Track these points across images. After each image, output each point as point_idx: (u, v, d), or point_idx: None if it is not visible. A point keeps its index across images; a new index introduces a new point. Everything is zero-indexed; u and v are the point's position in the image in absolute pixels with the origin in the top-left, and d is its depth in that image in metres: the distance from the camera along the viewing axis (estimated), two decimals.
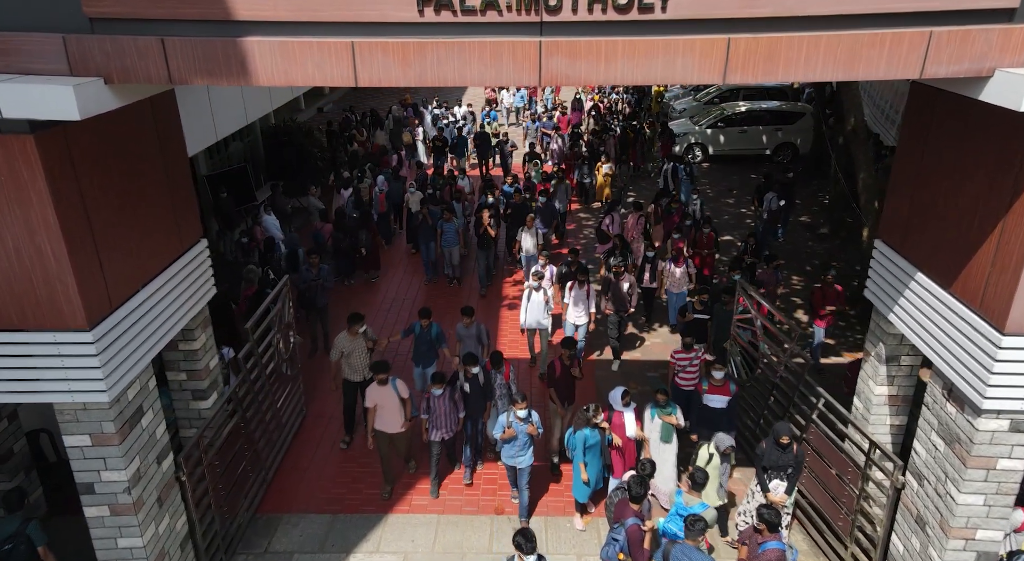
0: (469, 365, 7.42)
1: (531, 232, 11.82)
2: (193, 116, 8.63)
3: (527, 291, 9.51)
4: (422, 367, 8.64)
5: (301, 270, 10.42)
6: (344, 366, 8.19)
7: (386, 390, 7.25)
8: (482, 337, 8.64)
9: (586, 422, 6.81)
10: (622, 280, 9.66)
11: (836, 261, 13.95)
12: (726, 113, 20.28)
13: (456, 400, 7.44)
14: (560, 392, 7.84)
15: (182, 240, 5.94)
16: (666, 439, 7.09)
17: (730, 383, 7.44)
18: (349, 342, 8.11)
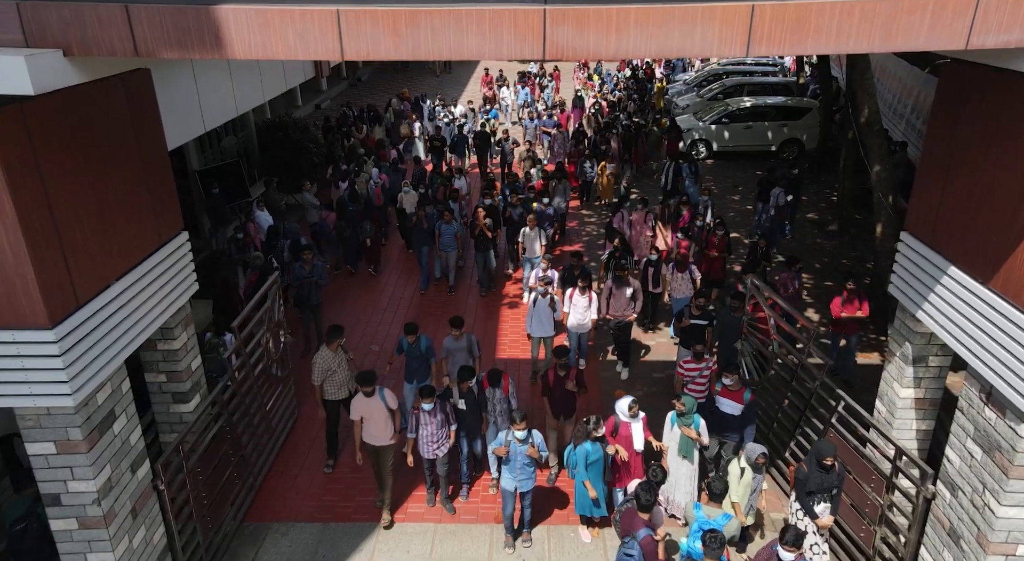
0: (465, 379, 6.88)
1: (534, 233, 11.23)
2: (178, 104, 8.24)
3: (532, 297, 8.99)
4: (415, 382, 8.03)
5: (295, 267, 10.03)
6: (326, 385, 7.54)
7: (373, 401, 6.72)
8: (473, 349, 7.98)
9: (586, 436, 6.30)
10: (625, 284, 9.11)
11: (845, 259, 13.57)
12: (731, 109, 19.87)
13: (448, 413, 6.93)
14: (555, 404, 7.30)
15: (160, 232, 5.55)
16: (685, 452, 6.60)
17: (746, 390, 6.98)
18: (332, 359, 7.48)
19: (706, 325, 8.58)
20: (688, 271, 9.92)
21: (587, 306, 8.94)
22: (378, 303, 11.92)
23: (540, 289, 8.88)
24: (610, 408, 8.89)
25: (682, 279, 9.94)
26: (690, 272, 9.92)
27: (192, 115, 8.61)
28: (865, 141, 10.53)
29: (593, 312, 8.99)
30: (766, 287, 7.95)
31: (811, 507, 5.85)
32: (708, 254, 10.81)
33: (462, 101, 24.33)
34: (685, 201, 12.48)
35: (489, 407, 7.14)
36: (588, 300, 8.94)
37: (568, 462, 6.52)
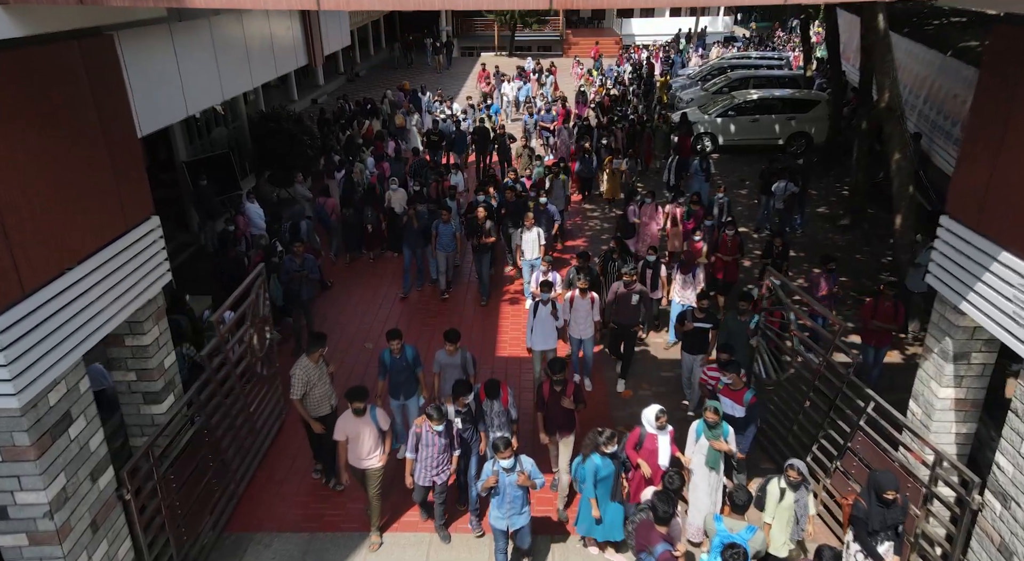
0: (461, 395, 6.15)
1: (533, 233, 10.40)
2: (156, 84, 7.72)
3: (533, 305, 8.14)
4: (402, 398, 7.19)
5: (284, 260, 9.53)
6: (306, 402, 6.75)
7: (363, 420, 6.04)
8: (468, 366, 7.08)
9: (595, 448, 5.70)
10: (632, 289, 8.38)
11: (859, 253, 13.07)
12: (737, 101, 19.36)
13: (454, 437, 6.19)
14: (551, 421, 6.58)
15: (126, 216, 5.04)
16: (712, 465, 5.96)
17: (748, 391, 6.46)
18: (312, 370, 6.68)
19: (710, 328, 7.92)
20: (692, 273, 9.19)
21: (589, 309, 8.17)
22: (374, 298, 11.41)
23: (542, 296, 8.01)
24: (616, 416, 8.48)
25: (684, 281, 9.22)
26: (694, 274, 9.17)
27: (173, 97, 8.09)
28: (885, 127, 10.01)
29: (596, 313, 8.24)
30: (787, 282, 7.43)
31: (874, 548, 5.11)
32: (719, 257, 10.08)
33: (460, 98, 23.70)
34: (696, 200, 11.68)
35: (487, 420, 6.43)
36: (590, 303, 8.17)
37: (575, 475, 5.94)
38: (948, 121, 13.84)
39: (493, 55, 36.47)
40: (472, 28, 40.08)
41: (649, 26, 41.54)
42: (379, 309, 11.06)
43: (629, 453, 6.02)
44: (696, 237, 10.07)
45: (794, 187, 12.93)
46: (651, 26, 41.41)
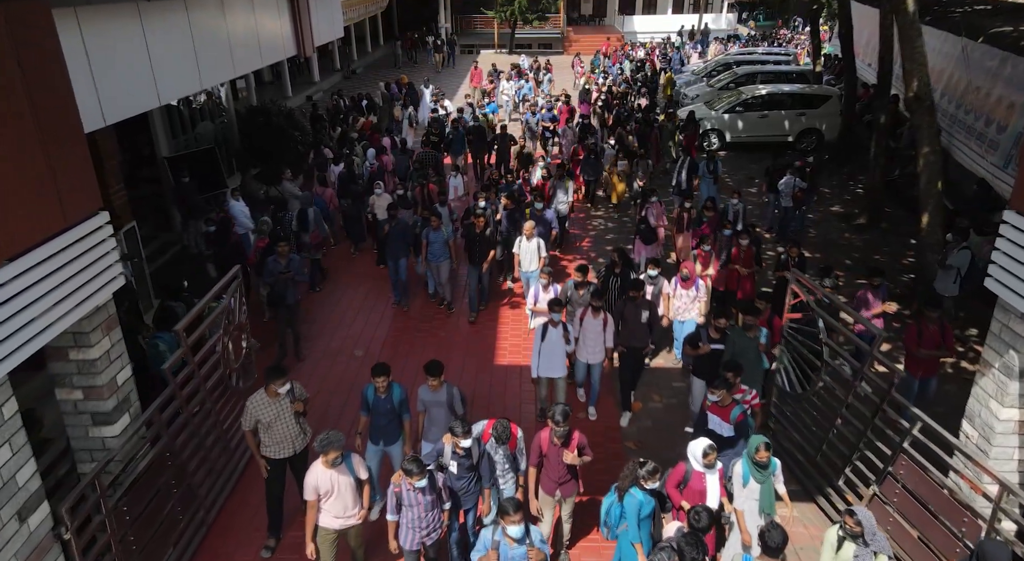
0: (459, 436, 5.10)
1: (532, 243, 9.34)
2: (121, 68, 7.06)
3: (541, 327, 7.07)
4: (383, 444, 6.10)
5: (268, 261, 8.84)
6: (263, 438, 5.74)
7: (338, 471, 5.05)
8: (455, 404, 5.98)
9: (635, 482, 4.89)
10: (641, 308, 7.48)
11: (878, 254, 12.39)
12: (745, 97, 18.69)
13: (442, 489, 5.15)
14: (549, 479, 5.43)
15: (66, 211, 4.36)
16: (769, 509, 5.12)
17: (736, 407, 5.76)
18: (269, 406, 5.62)
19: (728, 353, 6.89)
20: (695, 287, 8.26)
21: (600, 331, 7.25)
22: (365, 300, 10.73)
23: (553, 316, 6.96)
24: (626, 431, 7.74)
25: (686, 297, 8.30)
26: (696, 289, 8.26)
27: (143, 83, 7.42)
28: (913, 119, 9.34)
29: (610, 338, 7.29)
30: (810, 281, 6.76)
31: None
32: (735, 269, 9.08)
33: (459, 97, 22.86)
34: (710, 205, 10.66)
35: (490, 467, 5.47)
36: (603, 324, 7.20)
37: (607, 519, 5.04)
38: (970, 115, 13.18)
39: (493, 53, 35.82)
40: (472, 26, 39.45)
41: (651, 23, 40.90)
42: (371, 313, 10.37)
43: (671, 493, 5.18)
44: (705, 246, 9.24)
45: (801, 183, 12.24)
46: (653, 23, 40.77)
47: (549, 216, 10.54)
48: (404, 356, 9.16)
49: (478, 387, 8.52)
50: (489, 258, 9.77)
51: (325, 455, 4.90)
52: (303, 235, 10.84)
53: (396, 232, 9.94)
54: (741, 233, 9.27)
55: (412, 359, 9.05)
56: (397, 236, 9.94)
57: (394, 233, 9.92)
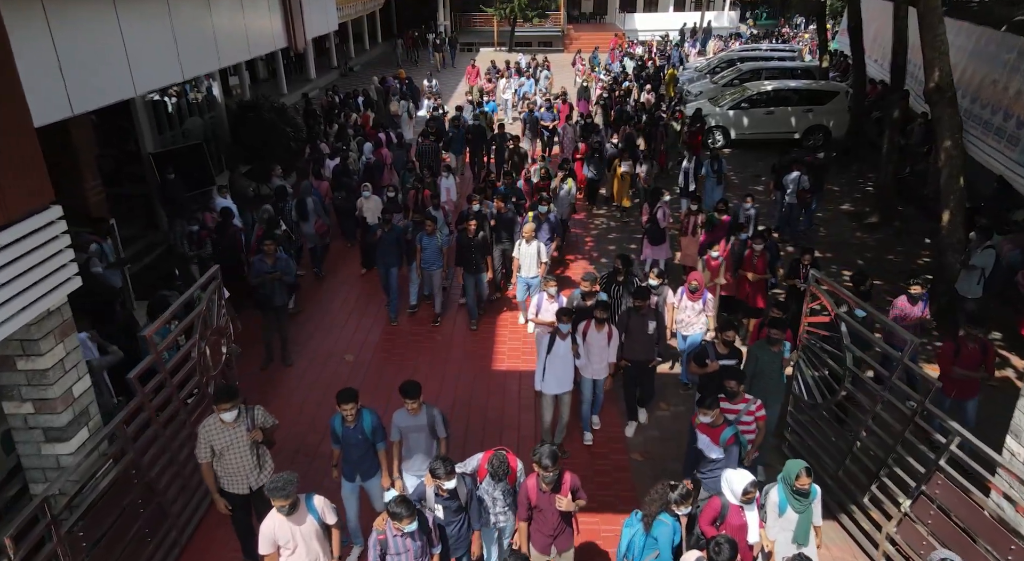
0: (442, 477, 4.42)
1: (531, 247, 8.77)
2: (93, 56, 6.60)
3: (548, 338, 6.47)
4: (359, 479, 5.44)
5: (254, 261, 8.38)
6: (218, 469, 5.16)
7: (297, 518, 4.42)
8: (436, 427, 5.36)
9: (664, 507, 4.37)
10: (648, 318, 6.88)
11: (892, 254, 11.93)
12: (750, 93, 18.23)
13: (432, 531, 4.48)
14: (541, 534, 4.74)
15: (7, 205, 3.89)
16: (803, 541, 4.68)
17: (727, 428, 5.26)
18: (221, 432, 5.02)
19: (737, 365, 6.42)
20: (703, 300, 7.59)
21: (605, 345, 6.71)
22: (358, 302, 10.26)
23: (561, 327, 6.38)
24: (632, 442, 7.24)
25: (691, 309, 7.62)
26: (704, 302, 7.60)
27: (116, 73, 6.97)
28: (934, 110, 8.87)
29: (613, 353, 6.78)
30: (830, 282, 6.28)
31: None
32: (745, 277, 8.57)
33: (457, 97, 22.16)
34: (722, 208, 9.97)
35: (486, 505, 4.85)
36: (607, 337, 6.69)
37: (630, 552, 4.45)
38: (987, 109, 12.72)
39: (493, 51, 35.35)
40: (471, 23, 38.99)
41: (652, 21, 40.45)
42: (363, 316, 9.90)
43: (706, 530, 4.67)
44: (714, 253, 8.65)
45: (806, 182, 11.75)
46: (654, 21, 40.32)
47: (553, 219, 9.91)
48: (396, 364, 8.68)
49: (474, 395, 8.05)
50: (490, 266, 9.25)
51: (274, 502, 4.26)
52: (303, 225, 10.56)
53: (389, 239, 9.23)
54: (754, 238, 8.64)
55: (407, 366, 8.59)
56: (390, 243, 9.24)
57: (386, 239, 9.22)
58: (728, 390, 5.59)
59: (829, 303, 5.98)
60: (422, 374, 8.42)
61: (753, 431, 5.69)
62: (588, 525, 5.93)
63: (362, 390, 7.92)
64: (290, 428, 7.51)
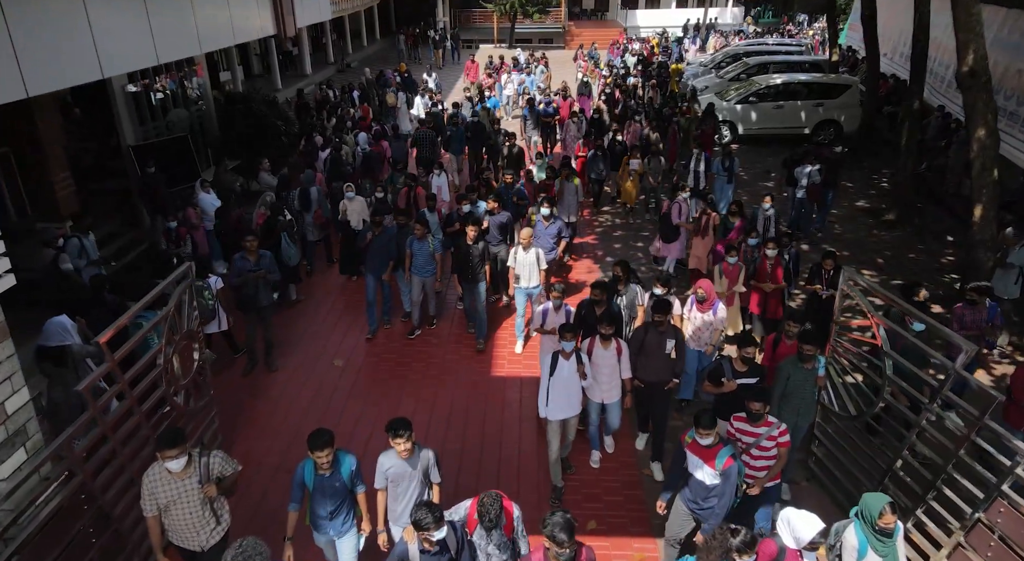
0: (428, 529, 3.72)
1: (528, 255, 7.94)
2: (52, 35, 6.00)
3: (551, 358, 5.78)
4: (332, 533, 4.70)
5: (234, 259, 7.78)
6: (164, 522, 4.45)
7: None
8: (431, 471, 4.66)
9: (725, 554, 3.70)
10: (666, 336, 6.05)
11: (913, 252, 11.32)
12: (759, 87, 17.63)
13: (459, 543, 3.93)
14: None
15: None
16: None
17: (724, 447, 4.65)
18: (167, 484, 4.30)
19: (759, 384, 5.60)
20: (713, 310, 6.87)
21: (615, 363, 5.99)
22: (349, 304, 9.65)
23: (564, 345, 5.67)
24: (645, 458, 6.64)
25: (702, 321, 6.92)
26: (714, 312, 6.88)
27: (80, 54, 6.37)
28: (966, 96, 8.27)
29: (626, 368, 6.02)
30: (866, 283, 5.68)
31: None
32: (757, 286, 7.88)
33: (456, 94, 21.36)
34: (735, 209, 9.18)
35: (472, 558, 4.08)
36: (616, 354, 5.96)
37: None
38: (1012, 101, 12.14)
39: (492, 47, 34.75)
40: (471, 20, 38.41)
41: (654, 17, 39.83)
42: (355, 318, 9.29)
43: None
44: (731, 258, 7.82)
45: (818, 176, 11.12)
46: (656, 17, 39.70)
47: (558, 225, 8.81)
48: (384, 380, 7.98)
49: (469, 421, 7.26)
50: (488, 275, 8.36)
51: None
52: (306, 215, 10.02)
53: (380, 242, 8.30)
54: (769, 243, 7.90)
55: (394, 385, 7.91)
56: (381, 248, 8.31)
57: (377, 245, 8.30)
58: (752, 412, 4.94)
59: (868, 308, 5.37)
60: (412, 385, 7.84)
61: (772, 457, 5.00)
62: (598, 550, 5.32)
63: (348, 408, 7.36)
64: (272, 440, 6.94)
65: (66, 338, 5.77)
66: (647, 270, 10.25)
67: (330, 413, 7.36)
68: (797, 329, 6.01)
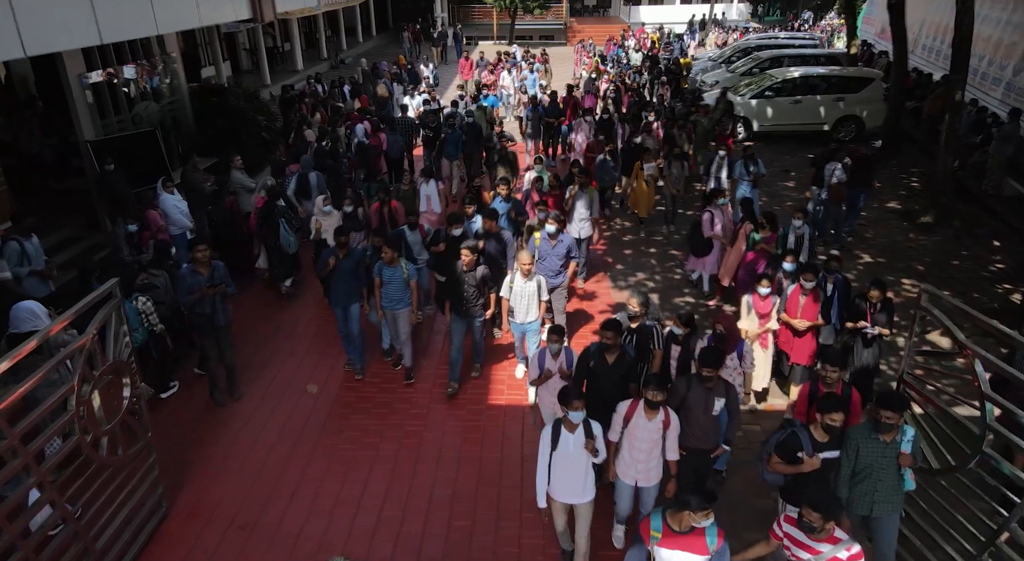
0: None
1: (529, 285, 6.46)
2: None
3: (551, 425, 4.52)
4: None
5: (182, 272, 6.61)
6: None
7: None
8: None
9: None
10: (713, 392, 4.78)
11: (956, 259, 10.23)
12: (775, 81, 16.54)
13: None
14: None
15: None
16: None
17: (711, 527, 3.67)
18: None
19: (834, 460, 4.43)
20: (738, 354, 5.73)
21: (659, 438, 4.63)
22: (326, 319, 8.53)
23: (573, 414, 4.35)
24: None
25: (728, 367, 5.71)
26: (740, 357, 5.76)
27: None
28: None
29: (673, 449, 4.70)
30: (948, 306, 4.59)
31: None
32: (788, 322, 6.35)
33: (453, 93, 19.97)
34: (764, 223, 7.72)
35: None
36: (662, 427, 4.61)
37: None
38: None
39: (492, 44, 33.69)
40: (470, 16, 37.38)
41: (658, 13, 38.72)
42: (328, 345, 8.12)
43: None
44: (763, 289, 6.35)
45: (842, 174, 9.98)
46: (660, 13, 38.58)
47: (568, 243, 7.31)
48: (366, 410, 6.82)
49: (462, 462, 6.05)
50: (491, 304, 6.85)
51: None
52: (304, 203, 9.32)
53: (346, 268, 6.85)
54: (806, 270, 6.31)
55: (376, 416, 6.77)
56: (347, 273, 6.86)
57: (343, 270, 6.84)
58: (807, 523, 3.64)
59: (959, 338, 4.27)
60: (398, 416, 6.75)
61: None
62: None
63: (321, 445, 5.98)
64: (228, 486, 5.83)
65: (37, 323, 5.30)
66: (662, 282, 9.13)
67: (298, 452, 6.27)
68: (837, 375, 4.82)
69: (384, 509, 5.59)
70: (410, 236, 7.71)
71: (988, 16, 14.11)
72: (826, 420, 4.32)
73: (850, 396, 4.82)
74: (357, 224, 8.48)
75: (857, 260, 10.15)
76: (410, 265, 6.87)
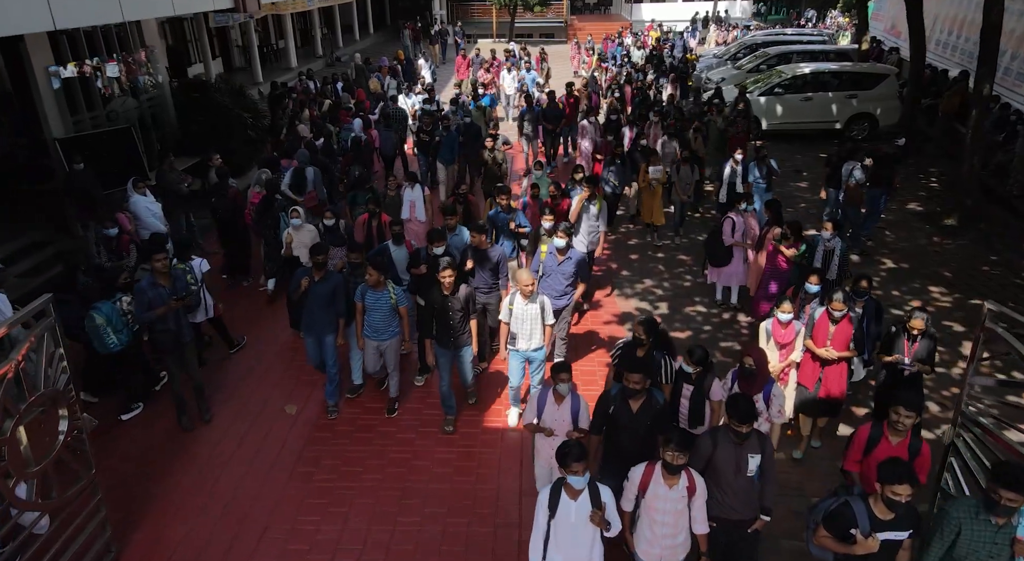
0: None
1: (532, 307, 5.59)
2: None
3: (549, 491, 3.75)
4: None
5: (140, 284, 5.81)
6: None
7: None
8: None
9: None
10: (746, 449, 3.93)
11: (986, 264, 9.57)
12: (784, 77, 15.88)
13: None
14: None
15: None
16: None
17: None
18: None
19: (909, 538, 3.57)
20: (764, 396, 4.67)
21: (684, 507, 3.83)
22: None
23: (574, 479, 3.61)
24: None
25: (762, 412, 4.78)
26: (767, 397, 4.69)
27: None
28: None
29: (702, 521, 3.90)
30: None
31: None
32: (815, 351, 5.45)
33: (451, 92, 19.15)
34: (788, 233, 7.02)
35: None
36: (686, 494, 3.81)
37: None
38: None
39: (491, 42, 33.07)
40: (469, 14, 36.79)
41: (660, 11, 38.02)
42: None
43: None
44: (783, 315, 5.44)
45: (860, 175, 9.32)
46: (663, 11, 37.90)
47: (577, 260, 6.40)
48: (348, 434, 6.15)
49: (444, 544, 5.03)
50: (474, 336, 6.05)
51: None
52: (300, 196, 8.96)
53: (320, 293, 5.92)
54: (834, 291, 5.49)
55: (360, 440, 6.15)
56: (322, 299, 5.93)
57: (317, 295, 5.92)
58: None
59: None
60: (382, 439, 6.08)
61: None
62: None
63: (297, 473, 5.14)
64: (191, 524, 5.17)
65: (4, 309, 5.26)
66: (671, 289, 8.43)
67: (271, 484, 5.61)
68: (911, 421, 3.97)
69: (365, 553, 4.93)
70: (395, 252, 6.69)
71: (1010, 8, 13.42)
72: (889, 492, 3.39)
73: (919, 449, 4.01)
74: (339, 239, 7.48)
75: (879, 266, 9.49)
76: (398, 289, 5.97)
